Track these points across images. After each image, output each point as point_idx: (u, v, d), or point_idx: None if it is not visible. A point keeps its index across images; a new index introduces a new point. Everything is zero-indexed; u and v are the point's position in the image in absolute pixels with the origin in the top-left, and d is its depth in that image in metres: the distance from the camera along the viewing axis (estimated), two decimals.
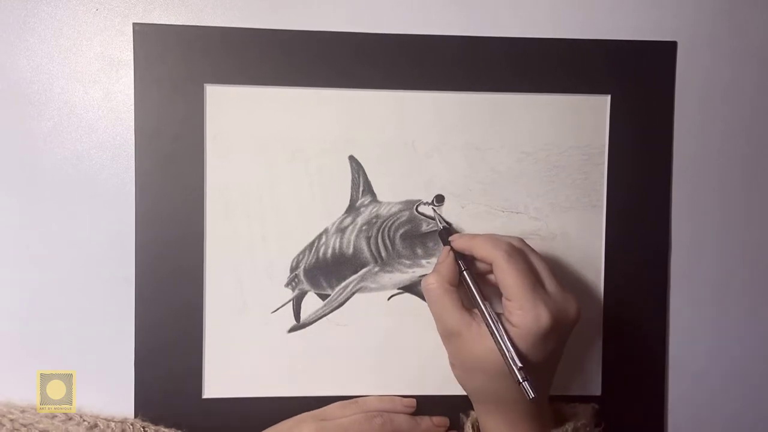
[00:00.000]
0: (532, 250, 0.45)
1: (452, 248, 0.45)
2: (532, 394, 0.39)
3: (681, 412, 0.52)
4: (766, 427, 0.52)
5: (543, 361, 0.42)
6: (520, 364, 0.40)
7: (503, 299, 0.43)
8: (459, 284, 0.44)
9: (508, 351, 0.40)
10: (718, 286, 0.52)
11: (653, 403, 0.51)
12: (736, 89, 0.51)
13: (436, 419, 0.49)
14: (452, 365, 0.45)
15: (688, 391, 0.52)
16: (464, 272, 0.44)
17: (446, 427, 0.49)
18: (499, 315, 0.42)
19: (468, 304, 0.44)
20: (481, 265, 0.45)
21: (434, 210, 0.49)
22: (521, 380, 0.40)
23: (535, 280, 0.42)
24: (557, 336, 0.42)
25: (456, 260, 0.45)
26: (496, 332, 0.41)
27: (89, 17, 0.47)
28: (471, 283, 0.44)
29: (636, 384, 0.51)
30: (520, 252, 0.43)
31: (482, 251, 0.43)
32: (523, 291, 0.41)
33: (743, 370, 0.52)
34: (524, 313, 0.41)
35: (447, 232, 0.48)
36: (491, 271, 0.43)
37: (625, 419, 0.50)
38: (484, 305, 0.42)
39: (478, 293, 0.43)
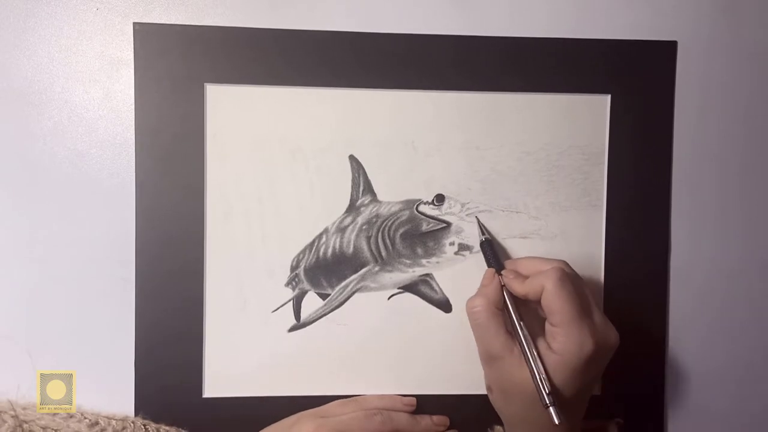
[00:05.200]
0: (577, 275, 0.44)
1: (498, 273, 0.46)
2: (557, 420, 0.40)
3: (681, 412, 0.52)
4: (766, 427, 0.52)
5: (580, 390, 0.42)
6: (549, 389, 0.40)
7: (547, 324, 0.43)
8: (503, 307, 0.45)
9: (539, 374, 0.41)
10: (717, 285, 0.52)
11: (653, 403, 0.51)
12: (735, 89, 0.51)
13: (436, 418, 0.49)
14: (489, 389, 0.45)
15: (688, 391, 0.52)
16: (506, 295, 0.44)
17: (446, 426, 0.49)
18: (536, 340, 0.42)
19: (509, 328, 0.44)
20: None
21: (477, 219, 0.49)
22: (549, 404, 0.40)
23: (581, 307, 0.42)
24: (597, 364, 0.42)
25: (501, 284, 0.45)
26: (528, 355, 0.41)
27: (89, 17, 0.48)
28: (511, 306, 0.44)
29: (636, 384, 0.51)
30: (570, 277, 0.43)
31: (533, 284, 0.43)
32: (570, 317, 0.41)
33: (743, 370, 0.52)
34: (568, 339, 0.41)
35: (489, 244, 0.47)
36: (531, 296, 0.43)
37: (625, 419, 0.50)
38: (520, 327, 0.43)
39: (516, 316, 0.43)
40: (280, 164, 0.48)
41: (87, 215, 0.48)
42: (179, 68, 0.47)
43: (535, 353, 0.41)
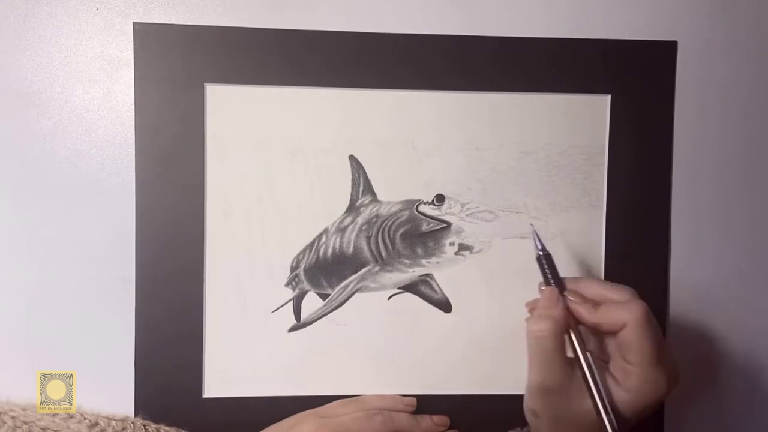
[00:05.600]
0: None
1: (562, 294, 0.43)
2: None
3: (680, 412, 0.52)
4: (766, 429, 0.52)
5: (636, 421, 0.41)
6: (616, 426, 0.39)
7: (619, 359, 0.41)
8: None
9: (607, 414, 0.39)
10: (717, 286, 0.52)
11: None
12: (735, 89, 0.51)
13: (437, 418, 0.49)
14: (532, 413, 0.43)
15: (687, 392, 0.52)
16: (570, 327, 0.42)
17: (446, 426, 0.49)
18: (602, 372, 0.41)
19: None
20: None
21: (534, 230, 0.47)
22: None
23: (661, 349, 0.40)
24: (660, 402, 0.41)
25: (566, 308, 0.42)
26: (595, 391, 0.40)
27: (89, 17, 0.48)
28: (576, 339, 0.42)
29: None
30: (652, 315, 0.41)
31: (612, 316, 0.41)
32: (650, 359, 0.40)
33: (743, 371, 0.52)
34: (646, 381, 0.40)
35: (549, 259, 0.45)
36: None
37: None
38: (586, 359, 0.41)
39: (582, 347, 0.41)
40: (280, 164, 0.48)
41: (87, 215, 0.48)
42: (179, 68, 0.47)
43: (602, 390, 0.40)
